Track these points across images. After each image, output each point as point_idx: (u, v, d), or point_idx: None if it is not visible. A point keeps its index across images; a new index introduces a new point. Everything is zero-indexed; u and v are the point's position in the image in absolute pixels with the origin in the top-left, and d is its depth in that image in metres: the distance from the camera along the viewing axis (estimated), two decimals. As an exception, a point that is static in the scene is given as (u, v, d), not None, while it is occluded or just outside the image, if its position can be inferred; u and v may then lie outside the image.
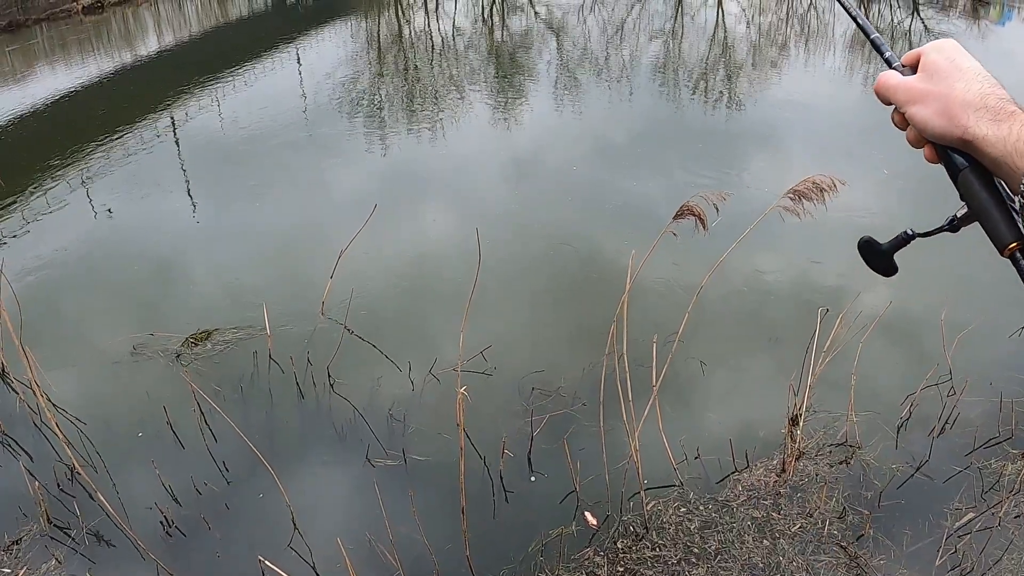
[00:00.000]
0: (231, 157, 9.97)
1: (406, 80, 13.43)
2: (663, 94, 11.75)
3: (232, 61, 14.07)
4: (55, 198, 9.10)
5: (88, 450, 5.33)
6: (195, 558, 4.58)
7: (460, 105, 11.67)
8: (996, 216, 1.06)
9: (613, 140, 9.87)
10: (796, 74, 12.55)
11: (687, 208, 3.78)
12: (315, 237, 7.68)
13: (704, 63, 13.15)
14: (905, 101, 1.14)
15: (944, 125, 1.08)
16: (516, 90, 12.41)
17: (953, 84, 1.08)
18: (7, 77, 14.32)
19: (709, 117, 10.84)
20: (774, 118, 10.42)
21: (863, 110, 10.74)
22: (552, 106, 11.44)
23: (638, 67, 13.03)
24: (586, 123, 10.70)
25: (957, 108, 1.06)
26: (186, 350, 6.20)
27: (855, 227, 7.30)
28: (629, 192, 8.38)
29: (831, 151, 9.12)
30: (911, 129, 1.15)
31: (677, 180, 8.65)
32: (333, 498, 4.96)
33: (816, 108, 10.72)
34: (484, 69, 13.64)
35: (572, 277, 6.95)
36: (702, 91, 11.82)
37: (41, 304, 6.86)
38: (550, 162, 9.47)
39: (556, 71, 13.05)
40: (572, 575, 4.21)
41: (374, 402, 5.61)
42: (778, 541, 4.33)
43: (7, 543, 4.69)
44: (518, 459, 4.97)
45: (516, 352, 5.97)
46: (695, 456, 4.91)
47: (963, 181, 1.09)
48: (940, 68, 1.10)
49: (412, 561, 4.25)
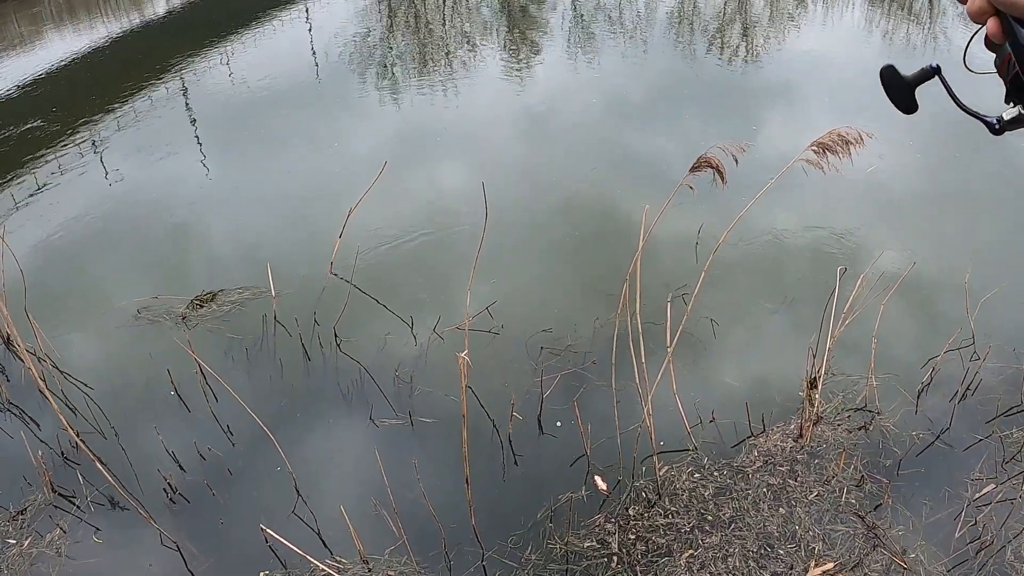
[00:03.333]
0: (241, 117, 9.84)
1: (417, 36, 13.21)
2: (679, 48, 11.50)
3: (241, 21, 13.87)
4: (65, 163, 9.00)
5: (93, 417, 5.28)
6: (198, 525, 4.53)
7: (472, 61, 11.47)
8: None
9: (628, 95, 9.67)
10: (814, 27, 12.26)
11: (704, 160, 3.63)
12: (326, 196, 7.56)
13: (721, 16, 12.86)
14: None
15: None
16: (529, 45, 12.19)
17: None
18: (15, 42, 14.18)
19: (725, 71, 10.60)
20: (792, 72, 10.17)
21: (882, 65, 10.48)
22: (566, 61, 11.22)
23: (653, 20, 12.76)
24: (600, 78, 10.48)
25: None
26: (191, 312, 6.11)
27: (875, 184, 7.15)
28: (643, 147, 8.21)
29: (850, 107, 8.89)
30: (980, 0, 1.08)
31: (692, 135, 8.46)
32: (338, 462, 4.88)
33: (835, 63, 10.45)
34: (496, 24, 13.40)
35: (584, 233, 6.81)
36: (718, 45, 11.56)
37: (48, 271, 6.81)
38: (563, 117, 9.28)
39: (570, 25, 12.80)
40: (582, 542, 4.12)
41: (381, 362, 5.52)
42: (794, 509, 4.23)
43: (12, 513, 4.66)
44: (528, 421, 4.87)
45: (525, 310, 5.86)
46: (710, 420, 4.79)
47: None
48: None
49: (417, 527, 4.19)
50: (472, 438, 4.41)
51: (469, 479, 3.91)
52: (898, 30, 11.99)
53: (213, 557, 4.33)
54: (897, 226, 6.72)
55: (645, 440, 4.50)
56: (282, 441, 4.48)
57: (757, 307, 5.85)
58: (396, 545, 4.14)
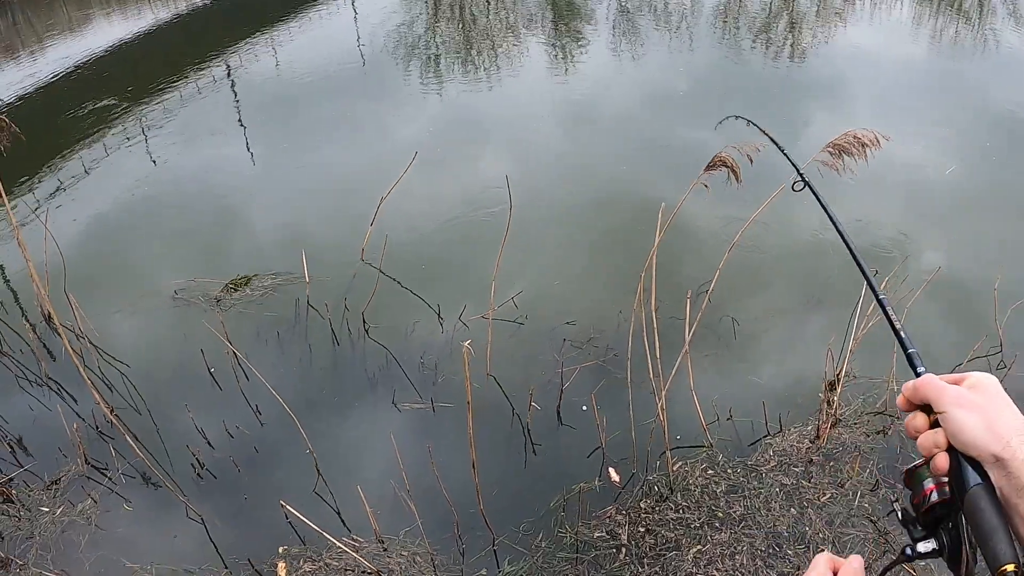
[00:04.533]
0: (285, 104, 9.97)
1: (462, 26, 13.26)
2: (724, 43, 11.42)
3: (288, 7, 14.02)
4: (110, 146, 9.21)
5: (129, 393, 5.45)
6: (223, 500, 4.68)
7: (516, 51, 11.50)
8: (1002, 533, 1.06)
9: (671, 89, 9.65)
10: (861, 24, 12.09)
11: (719, 159, 3.66)
12: (364, 184, 7.65)
13: (767, 11, 12.75)
14: (950, 403, 1.16)
15: (986, 437, 1.10)
16: (573, 36, 12.19)
17: (1003, 408, 1.13)
18: (63, 27, 14.44)
19: (771, 67, 10.53)
20: (837, 70, 10.07)
21: (929, 66, 10.36)
22: (610, 53, 11.21)
23: (699, 14, 12.68)
24: (644, 71, 10.48)
25: (1003, 427, 1.10)
26: (226, 295, 6.26)
27: (909, 186, 7.09)
28: (683, 142, 8.19)
29: (891, 106, 8.81)
30: (934, 433, 1.17)
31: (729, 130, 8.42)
32: (360, 445, 5.00)
33: (880, 61, 10.33)
34: (541, 14, 13.40)
35: (614, 227, 6.82)
36: (764, 40, 11.48)
37: (89, 251, 6.99)
38: (604, 110, 9.29)
39: (615, 17, 12.77)
40: (592, 532, 4.19)
41: (406, 348, 5.62)
42: (806, 510, 4.25)
43: (47, 482, 4.85)
44: (547, 411, 4.95)
45: (550, 301, 5.91)
46: (727, 417, 4.82)
47: (974, 495, 1.10)
48: (991, 391, 1.16)
49: (432, 510, 4.28)
50: (492, 426, 4.52)
51: (476, 463, 3.99)
52: (947, 28, 11.81)
53: (236, 531, 4.48)
54: (929, 228, 6.67)
55: (659, 435, 4.55)
56: (307, 422, 4.61)
57: (782, 306, 5.86)
58: (411, 527, 4.25)
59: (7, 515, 4.67)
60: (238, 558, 4.30)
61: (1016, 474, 1.07)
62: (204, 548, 4.41)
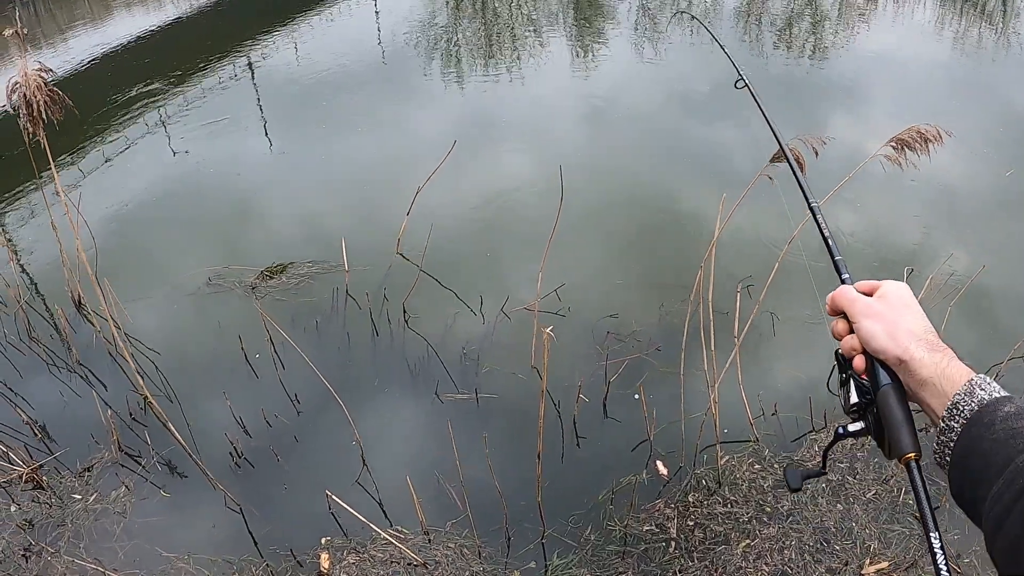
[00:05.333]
0: (308, 97, 9.96)
1: (484, 21, 13.24)
2: (746, 41, 11.38)
3: (308, 1, 14.01)
4: (134, 135, 9.21)
5: (161, 381, 5.44)
6: (262, 490, 4.65)
7: (538, 47, 11.48)
8: (906, 428, 1.25)
9: (693, 87, 9.62)
10: (884, 25, 12.06)
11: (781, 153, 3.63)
12: (391, 175, 7.65)
13: (789, 10, 12.72)
14: (859, 314, 1.33)
15: (887, 343, 1.27)
16: (595, 33, 12.17)
17: (904, 314, 1.30)
18: (85, 19, 14.43)
19: (793, 67, 10.49)
20: (860, 70, 10.02)
21: (953, 66, 10.31)
22: (632, 50, 11.18)
23: (721, 12, 12.65)
24: (666, 68, 10.45)
25: (903, 333, 1.27)
26: (261, 283, 6.25)
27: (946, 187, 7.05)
28: (707, 139, 8.17)
29: (920, 107, 8.77)
30: (851, 338, 1.35)
31: (757, 129, 8.41)
32: (403, 435, 4.98)
33: (905, 61, 10.29)
34: (563, 11, 13.38)
35: (646, 223, 6.81)
36: (786, 40, 11.45)
37: (119, 238, 6.98)
38: (628, 107, 9.27)
39: (636, 14, 12.74)
40: (641, 525, 4.17)
41: (447, 340, 5.60)
42: (852, 506, 4.23)
43: (79, 469, 4.83)
44: (593, 404, 4.92)
45: (590, 295, 5.88)
46: (772, 412, 4.80)
47: (884, 393, 1.28)
48: (896, 300, 1.32)
49: (478, 502, 4.26)
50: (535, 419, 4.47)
51: (541, 455, 3.96)
52: (970, 30, 11.77)
53: (275, 522, 4.45)
54: (968, 230, 6.63)
55: (708, 429, 4.53)
56: (349, 410, 4.58)
57: (822, 303, 5.81)
58: (458, 518, 4.23)
59: (38, 502, 4.66)
60: (278, 549, 4.28)
61: (916, 372, 1.23)
62: (242, 538, 4.39)
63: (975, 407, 1.14)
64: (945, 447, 1.16)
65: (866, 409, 1.33)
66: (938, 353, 1.24)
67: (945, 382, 1.20)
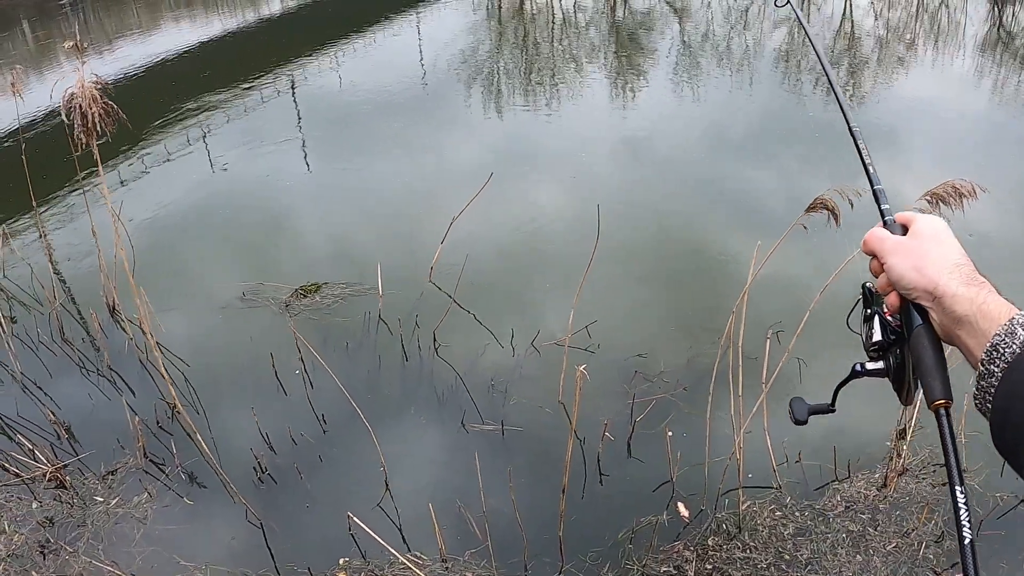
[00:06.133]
0: (348, 119, 10.11)
1: (525, 53, 13.39)
2: (785, 84, 11.44)
3: (353, 25, 14.23)
4: (174, 148, 9.39)
5: (189, 391, 5.51)
6: (284, 506, 4.70)
7: (578, 82, 11.58)
8: (938, 373, 1.17)
9: (730, 129, 9.66)
10: (923, 73, 12.06)
11: (820, 201, 3.68)
12: (427, 202, 7.75)
13: (829, 55, 12.75)
14: (888, 252, 1.27)
15: (916, 278, 1.20)
16: (635, 70, 12.26)
17: (932, 248, 1.22)
18: (133, 31, 14.73)
19: (830, 112, 10.51)
20: (898, 118, 10.03)
21: (992, 116, 10.28)
22: (671, 89, 11.25)
23: (760, 54, 12.71)
24: (704, 109, 10.51)
25: (932, 266, 1.19)
26: (295, 300, 6.33)
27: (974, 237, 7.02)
28: (742, 183, 8.19)
29: (956, 157, 8.75)
30: (883, 277, 1.29)
31: (792, 174, 8.43)
32: (426, 462, 5.02)
33: (943, 110, 10.28)
34: (604, 47, 13.50)
35: (678, 265, 6.85)
36: (825, 84, 11.47)
37: (153, 248, 7.10)
38: (663, 147, 9.33)
39: (676, 54, 12.83)
40: (660, 567, 4.17)
41: (476, 370, 5.65)
42: (872, 558, 4.21)
43: (103, 472, 4.91)
44: (617, 443, 4.94)
45: (619, 333, 5.91)
46: (796, 460, 4.79)
47: (916, 335, 1.21)
48: (926, 234, 1.25)
49: (498, 533, 4.28)
50: (560, 454, 4.50)
51: (566, 488, 3.99)
52: (1009, 79, 11.75)
53: (295, 539, 4.50)
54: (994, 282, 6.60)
55: (731, 473, 4.53)
56: (374, 435, 4.63)
57: (849, 352, 5.80)
58: (478, 548, 4.25)
59: (59, 501, 4.74)
60: (296, 566, 4.32)
61: (950, 308, 1.15)
62: (260, 553, 4.44)
63: (1017, 349, 1.04)
64: (986, 392, 1.07)
65: (887, 349, 1.30)
66: (974, 287, 1.15)
67: (983, 320, 1.11)
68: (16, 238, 7.62)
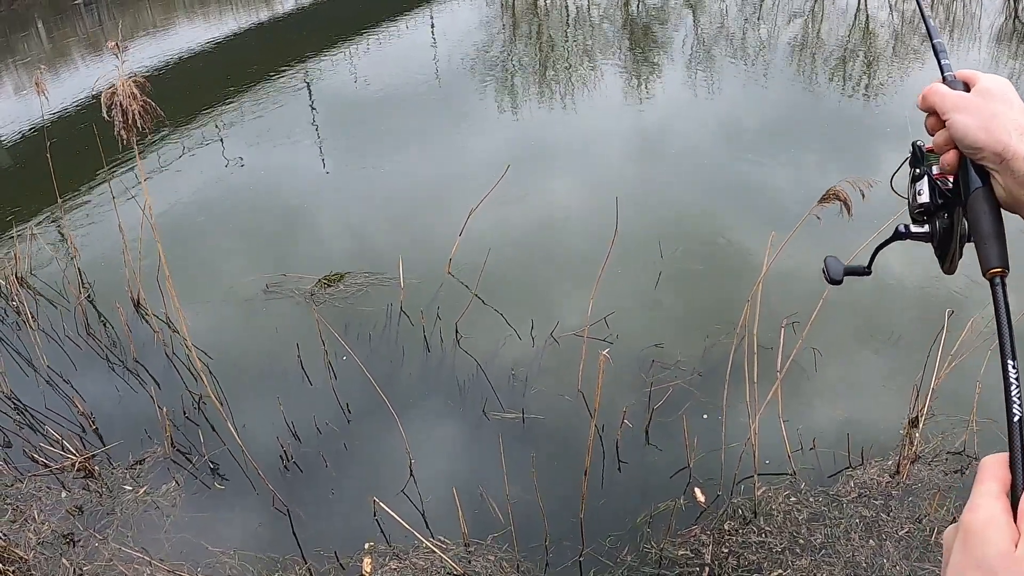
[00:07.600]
0: (363, 114, 10.21)
1: (539, 48, 13.44)
2: (799, 78, 11.46)
3: (367, 21, 14.30)
4: (190, 143, 9.52)
5: (214, 383, 5.62)
6: (309, 494, 4.82)
7: (592, 76, 11.63)
8: (996, 239, 1.10)
9: (745, 121, 9.71)
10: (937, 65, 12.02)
11: (833, 192, 3.77)
12: (444, 195, 7.84)
13: (843, 48, 12.76)
14: (951, 108, 1.16)
15: (984, 138, 1.10)
16: (650, 64, 12.30)
17: (1001, 107, 1.12)
18: (147, 29, 14.84)
19: (845, 105, 10.55)
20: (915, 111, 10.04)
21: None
22: (685, 83, 11.29)
23: (775, 48, 12.71)
24: (719, 102, 10.55)
25: (1000, 127, 1.09)
26: (318, 290, 6.44)
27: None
28: (756, 176, 8.26)
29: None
30: (942, 134, 1.19)
31: (806, 166, 8.49)
32: (449, 449, 5.14)
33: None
34: (618, 41, 13.53)
35: (694, 254, 6.91)
36: (839, 78, 11.50)
37: (175, 241, 7.19)
38: (678, 139, 9.40)
39: (691, 47, 12.86)
40: (677, 550, 4.28)
41: (497, 360, 5.76)
42: (884, 543, 4.29)
43: (131, 462, 5.04)
44: (635, 430, 5.04)
45: (636, 323, 6.02)
46: (810, 447, 4.88)
47: (975, 198, 1.13)
48: (994, 93, 1.15)
49: (520, 518, 4.39)
50: (579, 442, 4.61)
51: (588, 472, 4.08)
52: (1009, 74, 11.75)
53: (320, 525, 4.62)
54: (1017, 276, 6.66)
55: (746, 459, 4.63)
56: (399, 423, 4.74)
57: (862, 342, 5.89)
58: (500, 532, 4.36)
59: (88, 490, 4.87)
60: (322, 551, 4.43)
61: (1019, 170, 1.07)
62: (287, 539, 4.56)
63: None
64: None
65: (934, 213, 1.22)
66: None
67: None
68: (41, 234, 7.76)
